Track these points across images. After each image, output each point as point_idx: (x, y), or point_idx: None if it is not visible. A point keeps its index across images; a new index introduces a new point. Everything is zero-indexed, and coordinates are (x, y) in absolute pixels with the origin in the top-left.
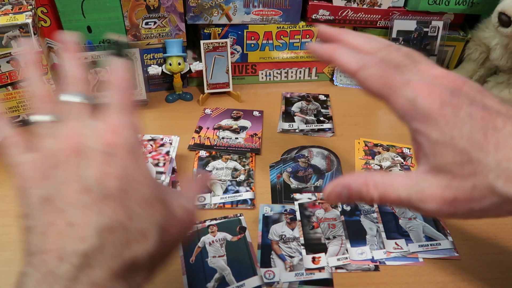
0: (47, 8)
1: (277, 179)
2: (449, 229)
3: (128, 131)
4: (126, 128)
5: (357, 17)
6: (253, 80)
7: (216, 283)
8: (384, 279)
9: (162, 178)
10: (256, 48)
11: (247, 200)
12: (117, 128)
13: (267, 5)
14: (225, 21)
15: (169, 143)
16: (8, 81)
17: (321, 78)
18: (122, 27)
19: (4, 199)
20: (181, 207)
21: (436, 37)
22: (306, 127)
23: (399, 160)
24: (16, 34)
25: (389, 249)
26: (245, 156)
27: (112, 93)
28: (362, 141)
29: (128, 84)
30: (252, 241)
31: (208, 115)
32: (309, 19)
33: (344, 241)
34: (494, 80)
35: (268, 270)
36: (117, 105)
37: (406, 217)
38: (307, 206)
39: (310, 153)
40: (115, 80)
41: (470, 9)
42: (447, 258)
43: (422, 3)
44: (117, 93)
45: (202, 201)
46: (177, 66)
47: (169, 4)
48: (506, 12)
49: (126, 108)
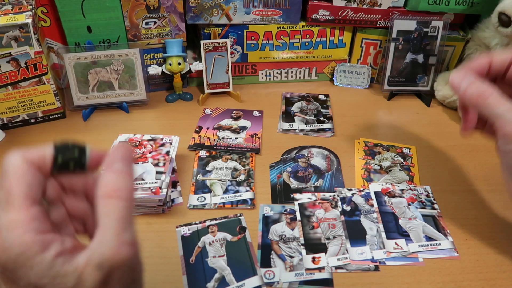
0: (47, 8)
1: (277, 179)
2: (449, 229)
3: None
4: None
5: (357, 17)
6: (253, 80)
7: (216, 283)
8: (384, 279)
9: (162, 178)
10: (256, 48)
11: (247, 200)
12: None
13: (267, 5)
14: (225, 21)
15: (169, 143)
16: (8, 81)
17: (321, 78)
18: (122, 27)
19: None
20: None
21: (436, 37)
22: (306, 127)
23: (399, 160)
24: (16, 34)
25: (389, 249)
26: (245, 156)
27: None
28: (362, 141)
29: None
30: (252, 241)
31: (208, 115)
32: (309, 19)
33: (344, 241)
34: None
35: (268, 270)
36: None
37: (406, 217)
38: (307, 206)
39: (310, 153)
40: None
41: (470, 9)
42: (447, 258)
43: (422, 3)
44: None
45: (202, 201)
46: (177, 66)
47: (169, 4)
48: (506, 12)
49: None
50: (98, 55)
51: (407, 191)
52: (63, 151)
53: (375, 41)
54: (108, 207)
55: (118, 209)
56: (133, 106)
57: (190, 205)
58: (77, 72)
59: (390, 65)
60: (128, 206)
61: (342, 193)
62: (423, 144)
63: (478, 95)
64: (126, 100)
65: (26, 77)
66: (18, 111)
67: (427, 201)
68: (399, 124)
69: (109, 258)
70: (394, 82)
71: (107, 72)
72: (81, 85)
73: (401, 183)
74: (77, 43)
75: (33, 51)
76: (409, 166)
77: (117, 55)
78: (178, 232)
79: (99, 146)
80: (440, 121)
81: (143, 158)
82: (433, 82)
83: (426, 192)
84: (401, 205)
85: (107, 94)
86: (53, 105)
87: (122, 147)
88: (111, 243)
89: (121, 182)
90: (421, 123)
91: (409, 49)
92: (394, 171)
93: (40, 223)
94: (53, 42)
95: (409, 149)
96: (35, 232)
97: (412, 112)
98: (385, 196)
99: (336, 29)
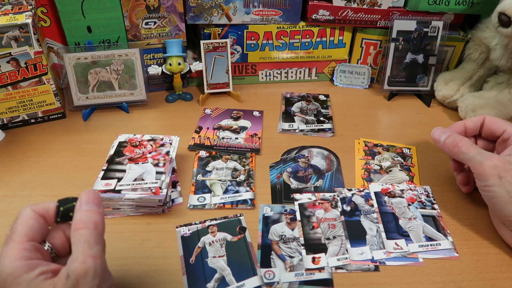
0: (47, 8)
1: (277, 179)
2: (449, 229)
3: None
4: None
5: (357, 17)
6: (253, 80)
7: (216, 283)
8: (384, 279)
9: (162, 178)
10: (256, 48)
11: (247, 200)
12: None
13: (267, 5)
14: (225, 21)
15: (169, 143)
16: (8, 81)
17: (321, 78)
18: (122, 27)
19: (4, 199)
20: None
21: (436, 37)
22: (306, 127)
23: (399, 160)
24: (16, 34)
25: (389, 249)
26: (245, 156)
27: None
28: (362, 141)
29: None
30: (252, 241)
31: (208, 115)
32: (309, 19)
33: (344, 241)
34: (494, 80)
35: (268, 270)
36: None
37: (406, 217)
38: (307, 206)
39: (310, 153)
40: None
41: (470, 9)
42: (447, 258)
43: (422, 3)
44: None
45: (202, 201)
46: (177, 66)
47: (169, 4)
48: (506, 12)
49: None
50: (98, 55)
51: (407, 191)
52: (64, 203)
53: (375, 41)
54: (76, 236)
55: (83, 235)
56: (133, 106)
57: (190, 205)
58: (77, 72)
59: (390, 65)
60: (92, 233)
61: (342, 193)
62: (423, 144)
63: (453, 145)
64: (126, 100)
65: (26, 77)
66: (18, 111)
67: (427, 201)
68: (399, 124)
69: (75, 269)
70: (394, 82)
71: (107, 72)
72: (81, 85)
73: (401, 183)
74: (77, 43)
75: (33, 51)
76: (409, 166)
77: (117, 55)
78: (178, 232)
79: (99, 146)
80: (440, 121)
81: (143, 158)
82: (433, 82)
83: (426, 192)
84: (401, 205)
85: (107, 94)
86: (53, 105)
87: (88, 193)
88: (78, 257)
89: (86, 217)
90: (421, 123)
91: (409, 49)
92: (394, 171)
93: (30, 253)
94: (53, 42)
95: (409, 149)
96: (24, 259)
97: (412, 112)
98: (385, 196)
99: (336, 29)
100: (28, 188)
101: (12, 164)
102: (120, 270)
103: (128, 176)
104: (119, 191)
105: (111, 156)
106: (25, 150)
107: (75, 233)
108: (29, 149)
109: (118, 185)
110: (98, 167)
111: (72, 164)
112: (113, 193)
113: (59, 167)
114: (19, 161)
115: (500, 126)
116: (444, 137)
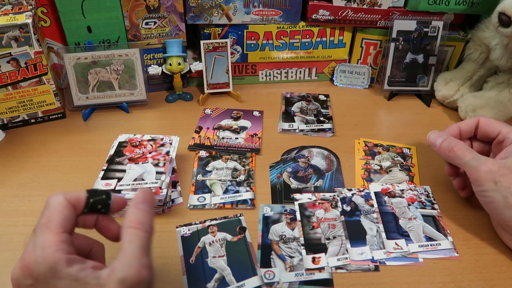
0: (47, 8)
1: (277, 179)
2: (449, 229)
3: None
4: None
5: (357, 17)
6: (253, 80)
7: (216, 283)
8: (384, 279)
9: (162, 178)
10: (256, 48)
11: (247, 200)
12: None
13: (267, 5)
14: (225, 21)
15: (169, 143)
16: (8, 81)
17: (321, 78)
18: (122, 27)
19: (4, 199)
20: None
21: (436, 37)
22: (306, 127)
23: (399, 160)
24: (16, 34)
25: (389, 249)
26: (245, 156)
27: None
28: (362, 141)
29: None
30: (252, 241)
31: (208, 115)
32: (309, 19)
33: (344, 241)
34: (494, 80)
35: (268, 270)
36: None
37: (406, 217)
38: (307, 206)
39: (310, 153)
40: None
41: (470, 9)
42: (447, 258)
43: (422, 3)
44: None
45: (202, 201)
46: (177, 66)
47: (169, 4)
48: (506, 12)
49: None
50: (98, 55)
51: (407, 191)
52: (94, 195)
53: (375, 41)
54: (132, 236)
55: (140, 238)
56: (133, 106)
57: (190, 205)
58: (77, 72)
59: (390, 65)
60: (148, 237)
61: (342, 193)
62: (423, 144)
63: (449, 150)
64: (126, 100)
65: (26, 77)
66: (18, 111)
67: (427, 201)
68: (399, 124)
69: (131, 276)
70: (394, 82)
71: (107, 72)
72: (81, 85)
73: (401, 183)
74: (77, 43)
75: (33, 51)
76: (409, 166)
77: (117, 55)
78: (178, 232)
79: (99, 146)
80: (440, 121)
81: (143, 158)
82: (433, 82)
83: (426, 192)
84: (401, 205)
85: (107, 94)
86: (53, 105)
87: (147, 192)
88: (134, 264)
89: (144, 218)
90: (421, 123)
91: (409, 49)
92: (394, 171)
93: (67, 246)
94: (53, 42)
95: (409, 149)
96: (63, 252)
97: (412, 112)
98: (385, 196)
99: (336, 29)
100: (28, 188)
101: (12, 164)
102: None
103: (128, 176)
104: (119, 191)
105: (111, 156)
106: (25, 150)
107: (130, 231)
108: (29, 149)
109: (118, 185)
110: (98, 167)
111: (72, 164)
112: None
113: (59, 167)
114: (19, 161)
115: (495, 127)
116: (440, 140)
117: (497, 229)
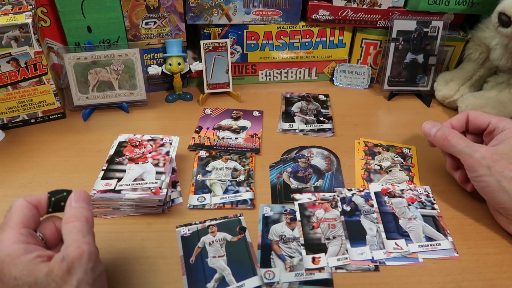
0: (47, 8)
1: (277, 179)
2: (449, 229)
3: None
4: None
5: (357, 17)
6: (253, 80)
7: (216, 283)
8: (384, 279)
9: (162, 178)
10: (256, 48)
11: (247, 200)
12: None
13: (267, 5)
14: (225, 21)
15: (169, 143)
16: (8, 81)
17: (321, 78)
18: (122, 27)
19: (4, 199)
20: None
21: (436, 37)
22: (306, 127)
23: (399, 160)
24: (16, 34)
25: (389, 249)
26: (245, 156)
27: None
28: (362, 141)
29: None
30: (252, 241)
31: (208, 115)
32: (309, 19)
33: (344, 241)
34: (494, 80)
35: (268, 270)
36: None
37: (406, 217)
38: (307, 206)
39: (310, 153)
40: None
41: (470, 9)
42: (447, 258)
43: (422, 3)
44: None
45: (202, 201)
46: (177, 66)
47: (169, 4)
48: (506, 12)
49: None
50: (98, 55)
51: (407, 191)
52: (55, 194)
53: (375, 41)
54: (69, 227)
55: (76, 226)
56: (133, 106)
57: (190, 205)
58: (77, 72)
59: (390, 65)
60: (85, 224)
61: (342, 193)
62: (423, 144)
63: (443, 139)
64: (126, 100)
65: (26, 77)
66: (18, 111)
67: (427, 201)
68: (399, 124)
69: (70, 253)
70: (394, 82)
71: (107, 72)
72: (81, 85)
73: (401, 183)
74: (77, 43)
75: (33, 51)
76: (409, 166)
77: (117, 55)
78: (178, 232)
79: (99, 146)
80: (440, 121)
81: (143, 158)
82: (433, 82)
83: (426, 192)
84: (401, 205)
85: (107, 94)
86: (53, 105)
87: (80, 192)
88: (72, 244)
89: (77, 212)
90: (421, 123)
91: (409, 49)
92: (394, 171)
93: (25, 238)
94: (53, 42)
95: (409, 149)
96: (21, 242)
97: (412, 112)
98: (385, 196)
99: (336, 29)
100: (28, 188)
101: (12, 164)
102: (120, 270)
103: (128, 176)
104: (119, 191)
105: (111, 156)
106: (25, 150)
107: (67, 225)
108: (29, 149)
109: (118, 185)
110: (98, 167)
111: (72, 164)
112: (113, 193)
113: (59, 167)
114: (19, 161)
115: (484, 119)
116: (435, 130)
117: (494, 214)
